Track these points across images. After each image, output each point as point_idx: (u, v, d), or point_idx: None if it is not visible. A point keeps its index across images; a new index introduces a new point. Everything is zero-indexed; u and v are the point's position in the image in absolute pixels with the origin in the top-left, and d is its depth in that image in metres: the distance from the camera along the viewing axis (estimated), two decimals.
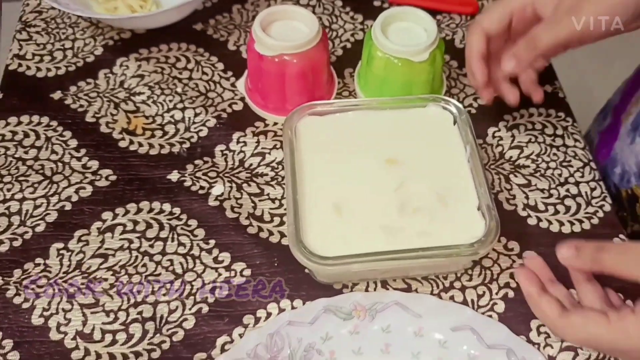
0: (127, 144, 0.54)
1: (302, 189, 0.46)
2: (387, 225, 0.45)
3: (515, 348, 0.43)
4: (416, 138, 0.50)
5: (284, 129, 0.49)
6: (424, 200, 0.47)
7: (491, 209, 0.45)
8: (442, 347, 0.44)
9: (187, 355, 0.44)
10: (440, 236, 0.45)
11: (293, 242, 0.43)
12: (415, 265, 0.46)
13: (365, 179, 0.48)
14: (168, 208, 0.50)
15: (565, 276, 0.43)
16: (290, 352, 0.43)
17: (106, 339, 0.44)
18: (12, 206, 0.50)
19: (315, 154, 0.49)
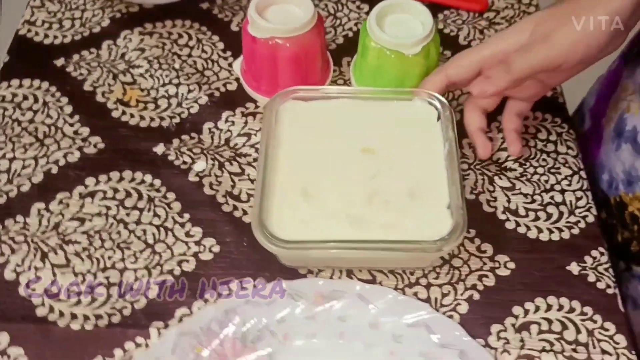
0: (120, 114, 0.55)
1: (274, 171, 0.47)
2: (353, 215, 0.45)
3: (469, 350, 0.43)
4: (397, 130, 0.50)
5: (265, 110, 0.49)
6: (395, 193, 0.46)
7: (460, 208, 0.45)
8: (395, 341, 0.44)
9: (145, 322, 0.45)
10: (405, 230, 0.45)
11: (255, 223, 0.44)
12: (378, 258, 0.46)
13: (338, 167, 0.48)
14: (149, 179, 0.52)
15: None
16: (244, 331, 0.44)
17: (71, 299, 0.46)
18: (1, 164, 0.52)
19: (292, 138, 0.49)
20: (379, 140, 0.49)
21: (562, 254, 0.49)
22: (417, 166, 0.48)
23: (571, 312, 0.47)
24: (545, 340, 0.45)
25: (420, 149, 0.49)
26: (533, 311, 0.47)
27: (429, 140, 0.49)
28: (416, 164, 0.48)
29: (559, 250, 0.49)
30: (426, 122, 0.50)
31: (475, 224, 0.50)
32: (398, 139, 0.49)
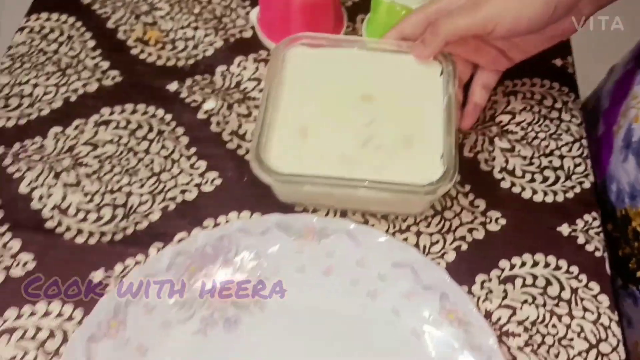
0: (138, 52, 0.58)
1: (276, 109, 0.48)
2: (347, 155, 0.47)
3: (450, 293, 0.44)
4: (398, 82, 0.51)
5: (272, 52, 0.51)
6: (389, 139, 0.47)
7: (452, 156, 0.45)
8: (379, 279, 0.45)
9: (146, 242, 0.47)
10: (396, 174, 0.46)
11: (253, 155, 0.45)
12: (369, 198, 0.47)
13: (337, 111, 0.49)
14: (161, 114, 0.54)
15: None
16: (235, 257, 0.46)
17: (79, 216, 0.48)
18: (25, 89, 0.55)
19: (296, 81, 0.50)
20: (379, 89, 0.50)
21: (554, 215, 0.50)
22: (414, 116, 0.49)
23: (557, 269, 0.48)
24: (528, 294, 0.46)
25: (420, 101, 0.49)
26: (519, 266, 0.48)
27: (429, 93, 0.50)
28: (414, 114, 0.49)
29: (551, 212, 0.50)
30: (429, 76, 0.51)
31: (471, 180, 0.51)
32: (399, 90, 0.50)
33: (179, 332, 0.43)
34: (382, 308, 0.45)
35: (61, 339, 0.43)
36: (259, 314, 0.45)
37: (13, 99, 0.54)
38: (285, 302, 0.45)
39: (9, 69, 0.56)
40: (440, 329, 0.43)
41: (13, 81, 0.55)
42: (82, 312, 0.44)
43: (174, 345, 0.43)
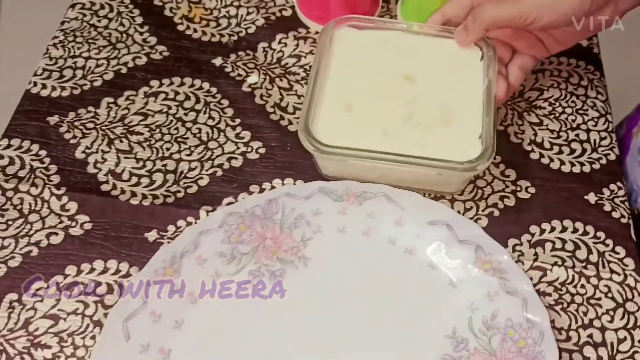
0: (184, 28, 0.60)
1: (323, 85, 0.51)
2: (388, 131, 0.49)
3: (484, 245, 0.46)
4: (440, 64, 0.53)
5: (321, 32, 0.53)
6: (429, 118, 0.50)
7: (490, 138, 0.47)
8: (416, 237, 0.48)
9: (195, 205, 0.50)
10: (435, 151, 0.48)
11: (301, 127, 0.48)
12: (408, 174, 0.49)
13: (380, 89, 0.51)
14: (207, 87, 0.57)
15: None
16: (282, 217, 0.48)
17: (132, 180, 0.51)
18: (78, 62, 0.58)
19: (342, 60, 0.53)
20: (421, 71, 0.52)
21: (582, 184, 0.53)
22: (454, 97, 0.51)
23: (585, 235, 0.50)
24: (558, 257, 0.49)
25: (460, 83, 0.51)
26: (549, 231, 0.50)
27: (469, 76, 0.52)
28: (453, 96, 0.51)
29: (578, 181, 0.53)
30: (469, 60, 0.52)
31: (502, 152, 0.54)
32: (439, 72, 0.52)
33: (228, 282, 0.46)
34: (420, 263, 0.47)
35: (119, 294, 0.46)
36: (303, 269, 0.48)
37: (67, 70, 0.57)
38: (327, 259, 0.48)
39: (62, 42, 0.59)
40: (476, 278, 0.46)
41: (66, 54, 0.58)
42: (137, 269, 0.47)
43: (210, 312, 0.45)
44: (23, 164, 0.52)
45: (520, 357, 0.42)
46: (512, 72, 0.53)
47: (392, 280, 0.47)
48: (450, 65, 0.52)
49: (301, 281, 0.47)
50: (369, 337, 0.44)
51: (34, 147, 0.52)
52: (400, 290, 0.46)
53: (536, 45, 0.52)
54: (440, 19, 0.53)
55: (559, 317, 0.47)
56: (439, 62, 0.52)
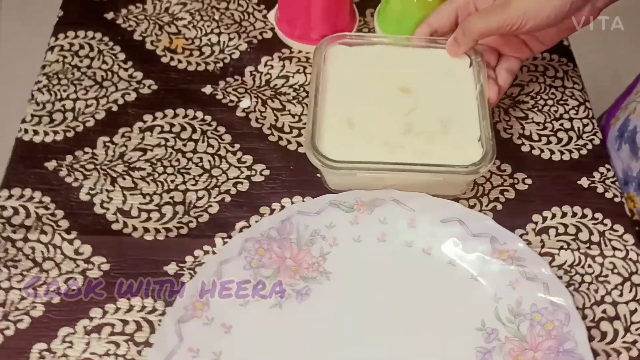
0: (168, 60, 0.61)
1: (322, 104, 0.52)
2: (391, 142, 0.51)
3: (499, 236, 0.48)
4: (432, 73, 0.55)
5: (314, 52, 0.54)
6: (429, 126, 0.52)
7: (490, 139, 0.50)
8: (431, 237, 0.49)
9: (209, 233, 0.50)
10: (438, 158, 0.50)
11: (308, 145, 0.49)
12: (415, 181, 0.51)
13: (378, 102, 0.53)
14: (200, 115, 0.57)
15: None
16: (297, 235, 0.49)
17: (142, 216, 0.51)
18: (66, 104, 0.57)
19: (338, 77, 0.54)
20: (415, 82, 0.54)
21: (573, 170, 0.56)
22: (450, 104, 0.53)
23: (583, 217, 0.53)
24: (563, 241, 0.52)
25: (453, 90, 0.54)
26: (550, 218, 0.53)
27: (461, 82, 0.54)
28: (449, 102, 0.53)
29: (570, 168, 0.56)
30: (459, 67, 0.55)
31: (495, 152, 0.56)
32: (432, 81, 0.54)
33: (257, 307, 0.47)
34: (439, 261, 0.49)
35: (149, 330, 0.46)
36: (326, 283, 0.48)
37: (57, 114, 0.56)
38: (348, 269, 0.49)
39: (47, 86, 0.58)
40: (495, 269, 0.48)
41: (53, 98, 0.57)
42: (163, 304, 0.47)
43: (255, 320, 0.46)
44: (28, 212, 0.51)
45: (550, 340, 0.44)
46: (501, 75, 0.55)
47: (415, 281, 0.48)
48: (442, 74, 0.55)
49: (327, 295, 0.48)
50: (402, 339, 0.46)
51: (36, 195, 0.52)
52: (424, 290, 0.48)
53: (520, 48, 0.55)
54: (427, 30, 0.55)
55: (573, 298, 0.49)
56: (431, 72, 0.55)
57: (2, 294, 0.47)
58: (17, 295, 0.47)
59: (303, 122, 0.57)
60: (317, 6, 0.59)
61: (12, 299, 0.47)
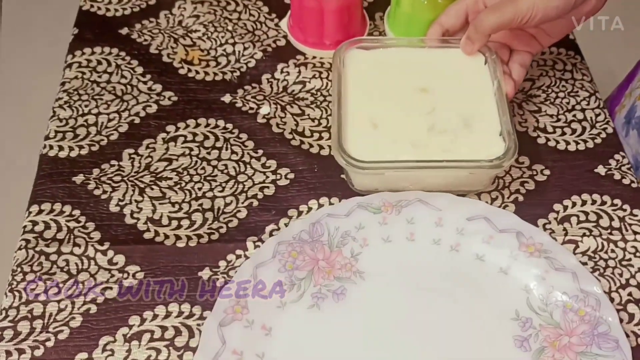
0: (186, 72, 0.62)
1: (345, 108, 0.53)
2: (415, 141, 0.52)
3: (524, 230, 0.50)
4: (449, 72, 0.56)
5: (333, 58, 0.55)
6: (451, 124, 0.52)
7: (511, 134, 0.51)
8: (459, 234, 0.51)
9: (240, 237, 0.51)
10: (462, 154, 0.51)
11: (335, 147, 0.50)
12: (440, 180, 0.52)
13: (399, 104, 0.54)
14: (222, 124, 0.58)
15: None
16: (329, 237, 0.50)
17: (172, 224, 0.52)
18: (89, 119, 0.58)
19: (358, 81, 0.55)
20: (433, 82, 0.55)
21: (589, 159, 0.57)
22: (469, 101, 0.54)
23: (603, 204, 0.54)
24: (585, 228, 0.53)
25: (471, 87, 0.55)
26: (571, 206, 0.54)
27: (478, 80, 0.55)
28: (468, 100, 0.54)
29: (586, 157, 0.57)
30: (474, 65, 0.56)
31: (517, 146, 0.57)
32: (451, 80, 0.55)
33: (295, 309, 0.47)
34: (468, 257, 0.50)
35: (187, 334, 0.47)
36: (361, 282, 0.49)
37: (80, 129, 0.57)
38: (380, 269, 0.50)
39: (68, 102, 0.59)
40: (524, 262, 0.49)
41: (75, 113, 0.58)
42: (200, 308, 0.48)
43: (294, 321, 0.47)
44: (59, 226, 0.51)
45: (584, 325, 0.45)
46: (514, 69, 0.56)
47: (446, 277, 0.49)
48: (458, 72, 0.56)
49: (363, 294, 0.48)
50: (441, 333, 0.46)
51: (66, 209, 0.52)
52: (456, 285, 0.49)
53: (530, 42, 0.57)
54: (438, 30, 0.56)
55: (600, 284, 0.50)
56: (448, 71, 0.56)
57: (40, 307, 0.47)
58: (55, 307, 0.47)
59: (323, 126, 0.58)
60: (330, 13, 0.60)
61: (50, 311, 0.47)
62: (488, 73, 0.55)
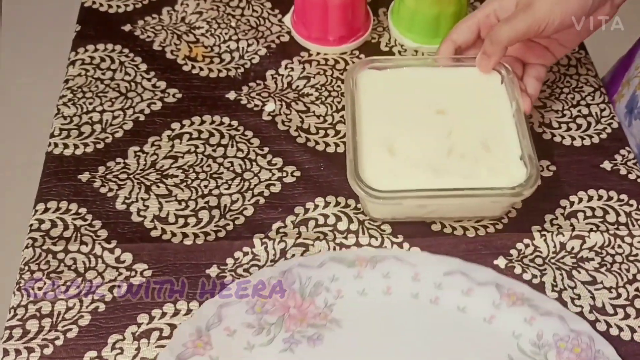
0: (190, 68, 0.61)
1: (360, 132, 0.51)
2: (435, 166, 0.50)
3: (503, 282, 0.48)
4: (465, 93, 0.54)
5: (345, 79, 0.54)
6: (470, 147, 0.51)
7: (533, 159, 0.49)
8: (437, 288, 0.49)
9: (247, 234, 0.51)
10: (483, 180, 0.49)
11: (352, 176, 0.48)
12: (459, 206, 0.50)
13: (416, 126, 0.52)
14: (227, 121, 0.58)
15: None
16: (300, 286, 0.48)
17: (179, 222, 0.52)
18: (94, 116, 0.58)
19: (372, 103, 0.53)
20: (450, 102, 0.53)
21: (595, 155, 0.57)
22: (488, 123, 0.52)
23: (609, 200, 0.54)
24: (592, 224, 0.53)
25: (489, 108, 0.53)
26: (577, 202, 0.54)
27: (495, 101, 0.53)
28: (487, 122, 0.52)
29: (591, 152, 0.57)
30: (491, 85, 0.54)
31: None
32: (468, 101, 0.54)
33: (265, 353, 0.45)
34: (448, 309, 0.48)
35: None
36: (338, 330, 0.47)
37: (85, 127, 0.57)
38: (357, 319, 0.47)
39: (72, 100, 0.59)
40: (507, 311, 0.47)
41: (80, 111, 0.58)
42: None
43: None
44: (66, 224, 0.51)
45: None
46: (530, 84, 0.55)
47: (428, 328, 0.47)
48: (474, 92, 0.54)
49: (340, 340, 0.46)
50: None
51: (72, 207, 0.52)
52: (440, 335, 0.47)
53: (544, 54, 0.56)
54: (451, 46, 0.55)
55: (606, 278, 0.50)
56: (464, 91, 0.54)
57: (49, 305, 0.47)
58: (63, 305, 0.47)
59: (328, 123, 0.58)
60: (334, 8, 0.60)
61: (58, 310, 0.47)
62: (505, 93, 0.54)
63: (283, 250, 0.50)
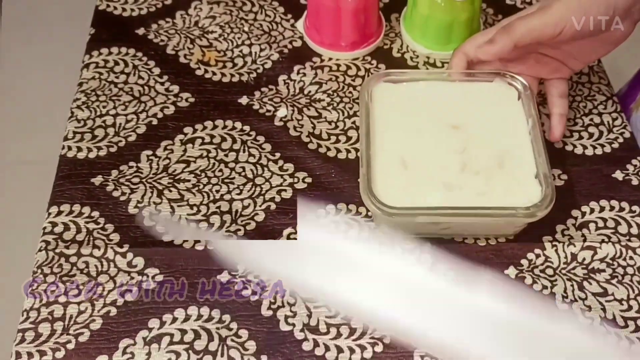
0: (203, 73, 0.62)
1: (374, 145, 0.51)
2: (449, 182, 0.50)
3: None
4: (481, 108, 0.54)
5: (360, 93, 0.54)
6: (485, 163, 0.51)
7: (548, 177, 0.49)
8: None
9: (258, 239, 0.51)
10: (497, 198, 0.49)
11: (364, 191, 0.48)
12: (473, 223, 0.50)
13: (430, 141, 0.52)
14: (239, 126, 0.58)
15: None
16: None
17: (191, 227, 0.52)
18: (107, 120, 0.58)
19: (387, 116, 0.53)
20: (465, 117, 0.53)
21: (607, 164, 0.57)
22: (502, 139, 0.52)
23: (621, 211, 0.54)
24: (604, 235, 0.53)
25: (505, 124, 0.53)
26: (589, 213, 0.54)
27: (512, 117, 0.53)
28: (502, 138, 0.52)
29: (603, 162, 0.57)
30: (507, 101, 0.54)
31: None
32: (483, 117, 0.54)
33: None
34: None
35: (207, 338, 0.47)
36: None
37: (98, 130, 0.57)
38: None
39: (86, 103, 0.59)
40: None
41: (93, 114, 0.58)
42: (219, 312, 0.48)
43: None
44: (79, 228, 0.52)
45: None
46: (556, 102, 0.55)
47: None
48: (490, 108, 0.54)
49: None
50: None
51: (85, 210, 0.52)
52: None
53: (560, 68, 0.55)
54: (463, 59, 0.54)
55: (617, 290, 0.50)
56: (479, 106, 0.54)
57: (61, 309, 0.48)
58: (75, 309, 0.48)
59: (340, 129, 0.58)
60: (347, 13, 0.60)
61: (70, 313, 0.47)
62: (522, 110, 0.54)
63: None
